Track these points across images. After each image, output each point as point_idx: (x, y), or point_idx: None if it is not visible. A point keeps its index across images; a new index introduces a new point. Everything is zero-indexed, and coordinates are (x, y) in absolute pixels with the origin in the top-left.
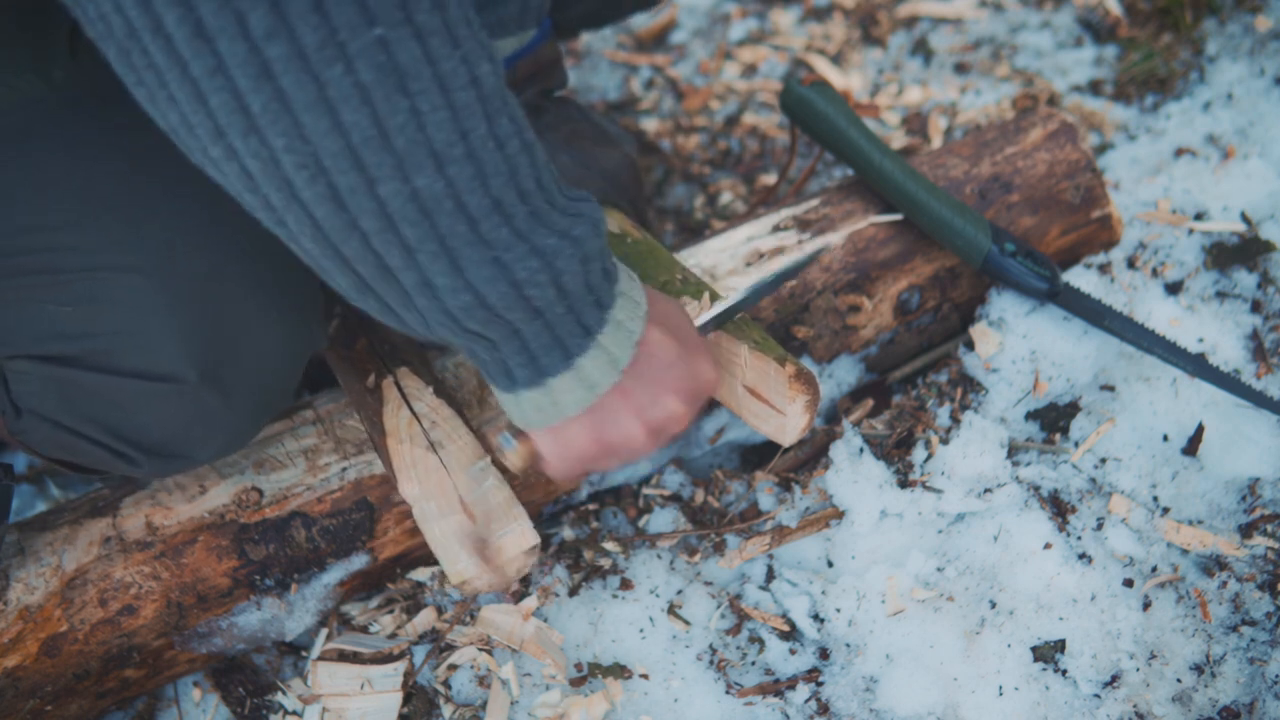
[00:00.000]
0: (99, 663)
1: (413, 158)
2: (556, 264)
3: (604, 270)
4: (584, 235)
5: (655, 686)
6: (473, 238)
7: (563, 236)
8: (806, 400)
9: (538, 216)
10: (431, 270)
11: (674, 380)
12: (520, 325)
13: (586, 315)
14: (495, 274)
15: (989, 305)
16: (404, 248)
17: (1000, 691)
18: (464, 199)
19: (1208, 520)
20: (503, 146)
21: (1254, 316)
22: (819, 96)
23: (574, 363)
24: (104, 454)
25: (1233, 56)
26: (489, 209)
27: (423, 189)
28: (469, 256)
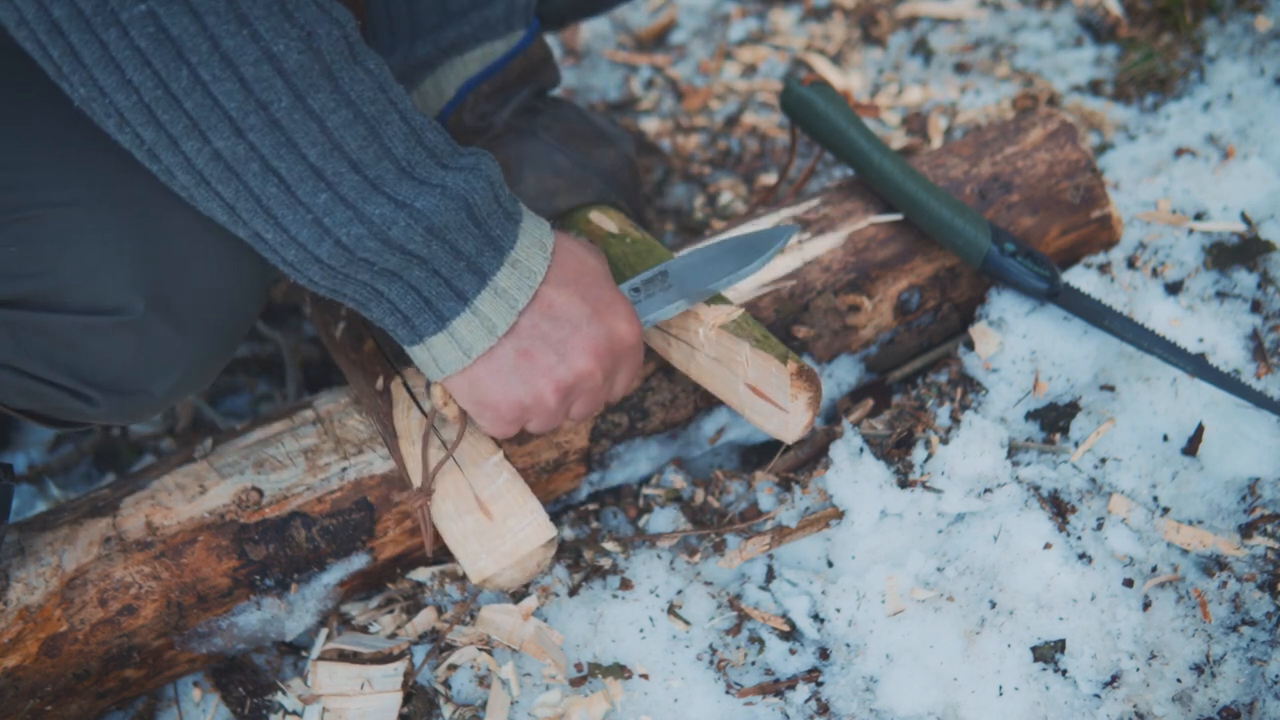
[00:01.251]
0: (99, 663)
1: (206, 120)
2: (390, 232)
3: (485, 236)
4: (428, 208)
5: (655, 686)
6: (289, 200)
7: (399, 206)
8: (809, 398)
9: (375, 184)
10: (256, 225)
11: (582, 340)
12: (379, 285)
13: (459, 279)
14: (318, 234)
15: (989, 305)
16: (224, 204)
17: (1000, 691)
18: (272, 163)
19: (1208, 520)
20: (320, 119)
21: (1254, 316)
22: (819, 96)
23: (448, 325)
24: (62, 395)
25: (1233, 56)
26: (305, 174)
27: (224, 150)
28: (287, 217)
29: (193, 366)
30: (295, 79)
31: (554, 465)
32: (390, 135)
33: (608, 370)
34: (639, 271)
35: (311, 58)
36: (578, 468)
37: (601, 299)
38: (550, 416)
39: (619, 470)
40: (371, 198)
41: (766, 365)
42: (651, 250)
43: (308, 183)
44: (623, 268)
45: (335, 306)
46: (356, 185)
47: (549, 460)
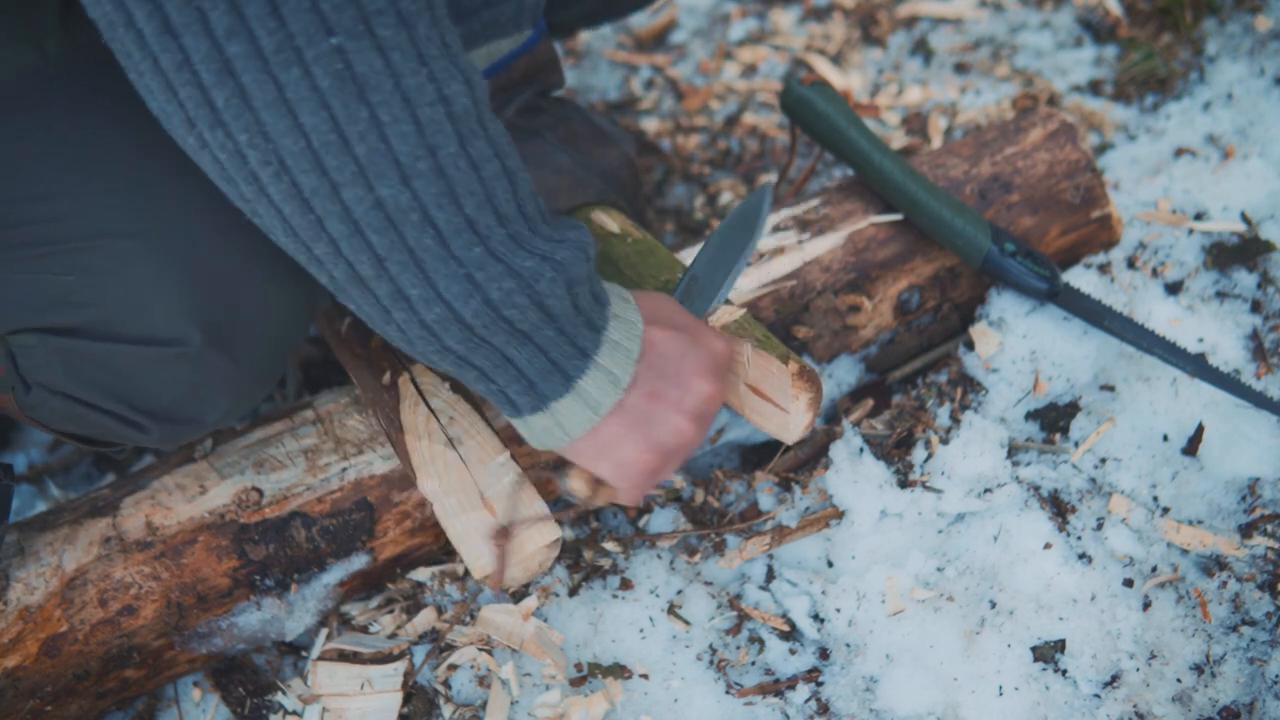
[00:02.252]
0: (99, 663)
1: (375, 166)
2: (537, 286)
3: (593, 294)
4: (567, 260)
5: (655, 686)
6: (443, 253)
7: (544, 259)
8: (810, 398)
9: (516, 240)
10: (402, 280)
11: (693, 365)
12: (509, 350)
13: (580, 337)
14: (468, 290)
15: (989, 305)
16: (373, 256)
17: (1000, 691)
18: (432, 213)
19: (1208, 520)
20: (478, 168)
21: (1254, 316)
22: (819, 96)
23: (574, 385)
24: (113, 423)
25: (1233, 56)
26: (461, 226)
27: (387, 198)
28: (439, 271)
29: (243, 394)
30: (461, 124)
31: (553, 464)
32: (523, 191)
33: (723, 385)
34: (641, 272)
35: (471, 104)
36: None
37: (687, 324)
38: (688, 449)
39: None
40: (518, 252)
41: (767, 366)
42: (653, 250)
43: (463, 235)
44: (624, 268)
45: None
46: (504, 240)
47: (549, 460)
